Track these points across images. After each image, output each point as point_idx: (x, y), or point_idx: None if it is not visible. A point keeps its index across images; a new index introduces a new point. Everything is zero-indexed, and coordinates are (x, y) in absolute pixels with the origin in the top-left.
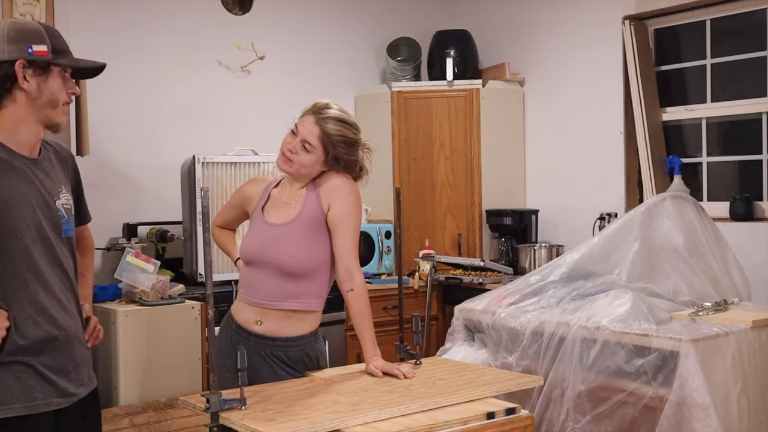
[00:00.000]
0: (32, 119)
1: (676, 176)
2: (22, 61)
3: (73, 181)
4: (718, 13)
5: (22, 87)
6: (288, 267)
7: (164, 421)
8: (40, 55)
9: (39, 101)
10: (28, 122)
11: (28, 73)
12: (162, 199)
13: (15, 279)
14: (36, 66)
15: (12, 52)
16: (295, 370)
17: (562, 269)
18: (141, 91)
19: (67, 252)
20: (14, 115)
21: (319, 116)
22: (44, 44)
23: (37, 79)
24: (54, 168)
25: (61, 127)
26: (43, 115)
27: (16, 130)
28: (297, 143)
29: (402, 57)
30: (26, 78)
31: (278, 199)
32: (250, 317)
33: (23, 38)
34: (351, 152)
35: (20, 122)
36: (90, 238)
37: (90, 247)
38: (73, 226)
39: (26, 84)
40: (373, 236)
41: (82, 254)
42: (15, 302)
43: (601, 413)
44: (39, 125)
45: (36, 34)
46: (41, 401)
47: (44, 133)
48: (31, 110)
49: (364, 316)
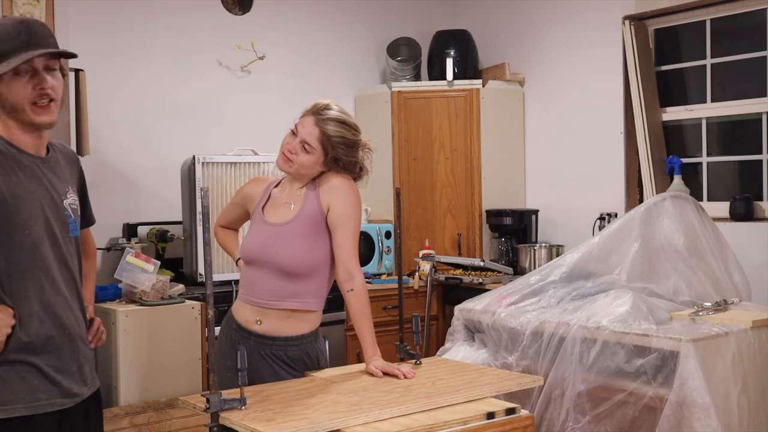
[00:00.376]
0: (15, 123)
1: (676, 176)
2: None
3: (79, 183)
4: (718, 13)
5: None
6: (287, 266)
7: (164, 421)
8: None
9: (5, 109)
10: (15, 126)
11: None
12: (162, 199)
13: (22, 275)
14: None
15: None
16: (295, 370)
17: (562, 269)
18: (141, 91)
19: (74, 251)
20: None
21: (318, 117)
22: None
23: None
24: (61, 168)
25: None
26: (19, 119)
27: (12, 132)
28: (297, 144)
29: (402, 57)
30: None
31: (278, 198)
32: (249, 317)
33: None
34: (351, 153)
35: (10, 126)
36: (92, 242)
37: (93, 251)
38: (79, 227)
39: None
40: (373, 236)
41: (85, 257)
42: (21, 299)
43: (601, 413)
44: (25, 127)
45: None
46: (45, 401)
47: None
48: (8, 116)
49: (364, 316)
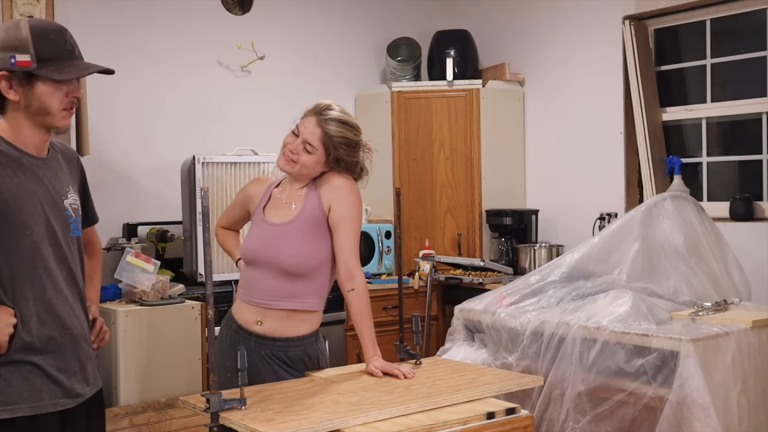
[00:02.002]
0: (30, 123)
1: (676, 176)
2: (4, 72)
3: (80, 182)
4: (718, 13)
5: (8, 97)
6: (288, 266)
7: (164, 421)
8: (23, 66)
9: (30, 109)
10: (29, 126)
11: (13, 83)
12: (162, 199)
13: (23, 276)
14: (19, 76)
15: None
16: (296, 370)
17: (562, 269)
18: (141, 91)
19: (75, 252)
20: (14, 119)
21: (320, 117)
22: (27, 54)
23: (22, 89)
24: (62, 168)
25: (65, 129)
26: (39, 121)
27: (19, 132)
28: (298, 144)
29: (402, 57)
30: (13, 88)
31: (279, 199)
32: (250, 317)
33: (9, 47)
34: (352, 153)
35: (21, 126)
36: (98, 241)
37: (98, 250)
38: (80, 227)
39: (12, 94)
40: (373, 236)
41: (90, 257)
42: (22, 299)
43: (601, 413)
44: (41, 129)
45: (21, 44)
46: (48, 401)
47: (50, 135)
48: (26, 116)
49: (364, 315)
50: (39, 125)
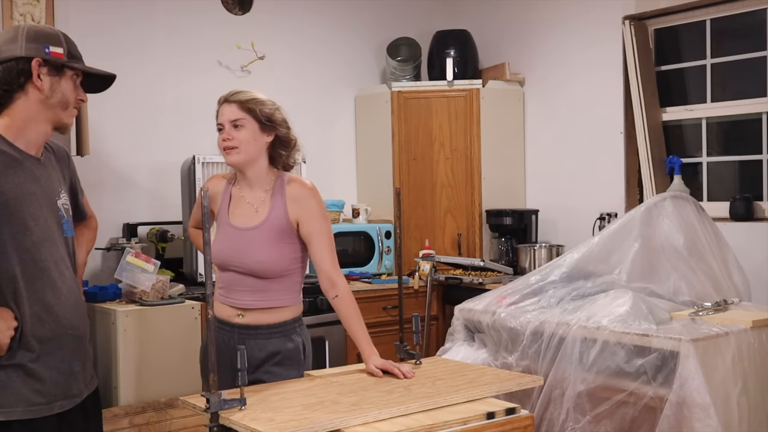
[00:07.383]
0: (42, 117)
1: (676, 176)
2: (38, 59)
3: (70, 179)
4: (718, 13)
5: (35, 84)
6: (257, 271)
7: (164, 421)
8: (56, 56)
9: (51, 100)
10: (38, 120)
11: (42, 72)
12: (162, 199)
13: (23, 277)
14: (51, 66)
15: (30, 49)
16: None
17: (562, 269)
18: (141, 91)
19: (70, 252)
20: (25, 111)
21: (228, 99)
22: (61, 47)
23: (50, 79)
24: (54, 168)
25: (68, 128)
26: (53, 115)
27: (26, 127)
28: (227, 129)
29: (402, 57)
30: (40, 76)
31: (240, 198)
32: (231, 313)
33: (41, 38)
34: (275, 112)
35: (30, 119)
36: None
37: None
38: (72, 226)
39: (39, 82)
40: (373, 236)
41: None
42: (22, 300)
43: (601, 413)
44: (48, 124)
45: (54, 37)
46: (44, 404)
47: (52, 133)
48: (41, 108)
49: (354, 318)
50: (50, 120)
